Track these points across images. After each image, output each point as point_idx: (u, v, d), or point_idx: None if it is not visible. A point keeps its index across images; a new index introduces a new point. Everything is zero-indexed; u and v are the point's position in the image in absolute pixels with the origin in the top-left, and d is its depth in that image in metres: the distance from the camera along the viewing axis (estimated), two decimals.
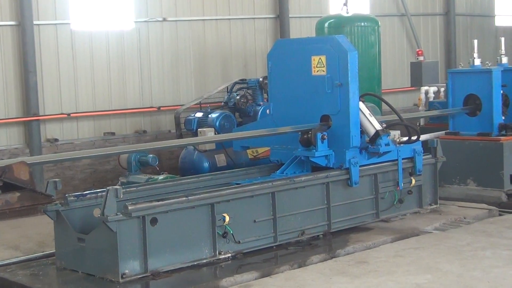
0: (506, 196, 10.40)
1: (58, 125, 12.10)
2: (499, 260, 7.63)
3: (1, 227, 9.95)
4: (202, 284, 7.14)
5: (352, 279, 7.17)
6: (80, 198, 7.91)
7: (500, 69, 10.91)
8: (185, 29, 13.48)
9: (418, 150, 9.43)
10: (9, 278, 7.55)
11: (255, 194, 8.13)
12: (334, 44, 8.88)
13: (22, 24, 11.54)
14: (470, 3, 18.87)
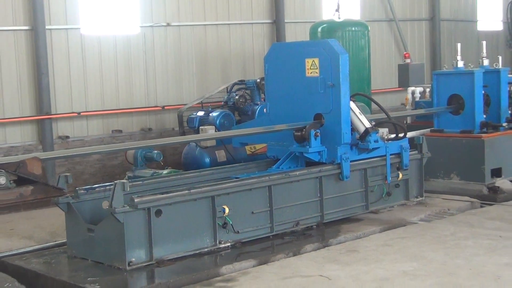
0: (487, 189, 10.41)
1: (69, 123, 12.10)
2: (480, 249, 7.65)
3: (16, 218, 9.95)
4: (203, 271, 7.15)
5: (343, 267, 7.18)
6: (90, 191, 7.92)
7: (482, 71, 10.92)
8: (188, 34, 13.48)
9: (405, 146, 9.44)
10: (24, 266, 7.57)
11: (253, 188, 8.14)
12: (326, 47, 8.88)
13: (35, 28, 11.54)
14: (454, 9, 18.87)
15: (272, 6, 14.74)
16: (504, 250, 7.54)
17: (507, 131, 10.91)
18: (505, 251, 7.52)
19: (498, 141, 10.72)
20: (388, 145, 9.20)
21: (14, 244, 8.67)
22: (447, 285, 6.52)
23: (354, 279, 6.78)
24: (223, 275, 7.09)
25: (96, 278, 6.97)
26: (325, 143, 8.71)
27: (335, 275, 6.92)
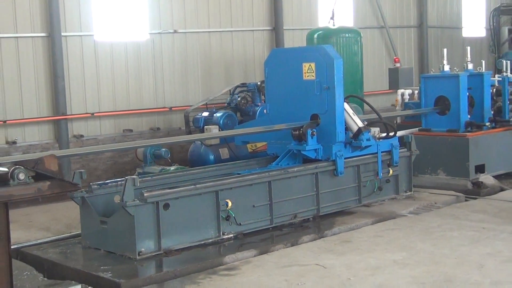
0: (471, 184, 10.40)
1: (83, 123, 12.10)
2: (464, 239, 7.65)
3: (34, 211, 9.96)
4: (208, 261, 7.16)
5: (337, 256, 7.19)
6: (103, 186, 7.93)
7: (467, 74, 10.92)
8: (193, 40, 13.48)
9: (395, 145, 9.45)
10: (41, 255, 7.57)
11: (254, 183, 8.15)
12: (322, 52, 8.88)
13: (51, 35, 11.54)
14: (441, 17, 18.86)
15: (272, 14, 14.74)
16: (487, 241, 7.55)
17: (489, 130, 10.92)
18: (488, 242, 7.53)
19: (482, 139, 10.72)
20: (379, 143, 9.22)
21: (32, 235, 8.68)
22: (434, 273, 6.52)
23: (348, 267, 6.79)
24: (226, 264, 7.10)
25: (109, 267, 6.99)
26: (321, 142, 8.72)
27: (330, 264, 6.92)
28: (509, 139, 11.12)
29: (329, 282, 6.39)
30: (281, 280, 6.49)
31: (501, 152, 10.99)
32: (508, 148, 11.11)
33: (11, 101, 11.28)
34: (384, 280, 6.38)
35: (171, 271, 6.86)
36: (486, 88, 10.97)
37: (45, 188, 6.34)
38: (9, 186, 6.12)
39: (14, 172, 6.14)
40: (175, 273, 6.83)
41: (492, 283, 6.20)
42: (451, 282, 6.24)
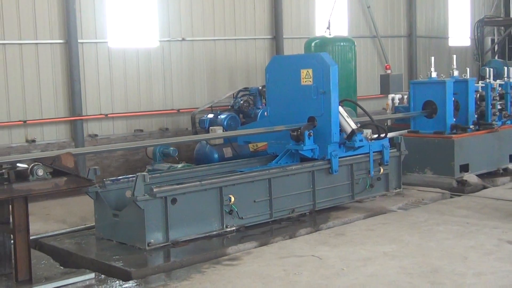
0: (456, 182, 10.40)
1: (97, 123, 12.10)
2: (450, 233, 7.65)
3: (52, 205, 9.96)
4: (212, 251, 7.16)
5: (332, 248, 7.18)
6: (115, 182, 7.94)
7: (452, 81, 10.92)
8: (200, 47, 13.48)
9: (385, 145, 9.46)
10: (58, 245, 7.58)
11: (255, 180, 8.16)
12: (319, 59, 8.88)
13: (69, 42, 11.54)
14: (428, 28, 18.85)
15: (272, 24, 14.74)
16: (470, 235, 7.54)
17: (473, 132, 10.92)
18: (472, 235, 7.52)
19: (466, 141, 10.72)
20: (371, 144, 9.23)
21: (49, 227, 8.68)
22: (421, 264, 6.52)
23: (342, 258, 6.78)
24: (229, 254, 7.11)
25: (120, 257, 7.00)
26: (317, 142, 8.73)
27: (325, 255, 6.92)
28: (491, 141, 11.12)
29: (324, 272, 6.38)
30: (279, 270, 6.49)
31: (484, 152, 10.99)
32: (490, 149, 11.10)
33: (31, 103, 11.28)
34: (375, 271, 6.37)
35: (178, 261, 6.87)
36: (471, 93, 10.96)
37: (62, 184, 6.35)
38: (29, 182, 6.13)
39: (33, 168, 6.15)
40: (181, 262, 6.84)
41: (475, 274, 6.19)
42: (437, 273, 6.24)
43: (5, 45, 10.97)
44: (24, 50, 11.19)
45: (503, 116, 11.54)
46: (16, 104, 11.11)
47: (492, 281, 5.97)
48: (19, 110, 11.15)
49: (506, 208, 8.85)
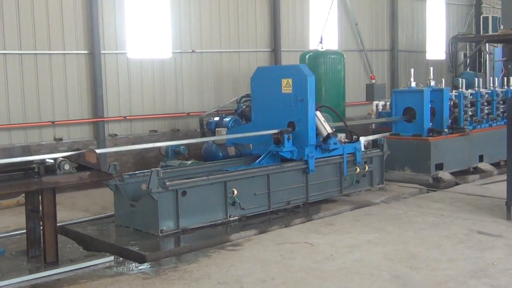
0: (432, 179, 10.41)
1: (117, 124, 12.10)
2: (426, 224, 7.66)
3: (77, 195, 9.97)
4: (217, 238, 7.17)
5: (322, 236, 7.20)
6: (132, 176, 7.97)
7: (429, 90, 10.91)
8: (208, 58, 13.48)
9: (358, 148, 9.31)
10: (81, 231, 7.59)
11: (255, 175, 8.17)
12: (298, 70, 8.75)
13: (92, 53, 11.54)
14: (409, 43, 18.84)
15: (271, 38, 14.72)
16: (444, 226, 7.56)
17: (447, 135, 10.92)
18: (445, 226, 7.54)
19: (441, 143, 10.72)
20: (344, 146, 9.10)
21: (74, 215, 8.70)
22: (401, 251, 6.53)
23: (331, 245, 6.80)
24: (232, 241, 7.12)
25: (136, 242, 7.01)
26: (296, 144, 8.57)
27: (317, 242, 6.93)
28: (463, 143, 11.12)
29: (315, 257, 6.39)
30: (276, 254, 6.50)
31: (457, 153, 10.98)
32: (462, 150, 11.10)
33: (58, 106, 11.28)
34: (360, 256, 6.39)
35: (187, 246, 6.88)
36: (445, 101, 10.96)
37: (86, 177, 6.35)
38: (56, 175, 6.13)
39: (60, 163, 6.15)
40: (190, 247, 6.85)
41: (448, 260, 6.21)
42: (414, 259, 6.25)
43: (36, 55, 10.96)
44: (53, 59, 11.18)
45: (473, 121, 11.54)
46: (46, 106, 11.11)
47: (463, 266, 5.98)
48: (48, 112, 11.15)
49: (476, 202, 8.86)
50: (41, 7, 10.93)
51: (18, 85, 10.78)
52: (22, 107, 10.84)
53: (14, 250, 6.86)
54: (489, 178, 10.94)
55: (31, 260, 6.47)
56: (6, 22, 10.54)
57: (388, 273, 5.80)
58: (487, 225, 7.52)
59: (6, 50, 10.60)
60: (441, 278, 5.64)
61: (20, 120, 10.82)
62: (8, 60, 10.65)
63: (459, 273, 5.78)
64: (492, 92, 12.19)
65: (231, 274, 5.90)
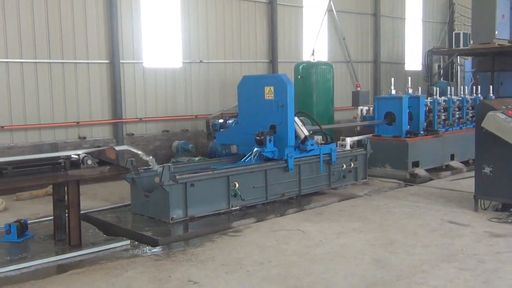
0: (409, 175, 10.41)
1: (134, 125, 12.09)
2: (403, 214, 7.66)
3: (98, 187, 9.97)
4: (220, 225, 7.17)
5: (313, 224, 7.20)
6: (147, 170, 7.96)
7: (407, 97, 10.92)
8: (214, 68, 13.47)
9: (333, 149, 9.20)
10: (101, 218, 7.60)
11: (254, 171, 8.17)
12: (279, 79, 8.63)
13: (112, 62, 11.53)
14: (389, 55, 18.82)
15: (269, 50, 14.69)
16: (419, 216, 7.56)
17: (423, 137, 10.92)
18: (420, 216, 7.54)
19: (417, 143, 10.73)
20: (321, 147, 8.98)
21: (96, 204, 8.70)
22: (381, 237, 6.53)
23: (320, 232, 6.79)
24: (233, 228, 7.12)
25: (150, 228, 7.01)
26: (277, 145, 8.44)
27: (308, 229, 6.93)
28: (436, 143, 11.13)
29: (307, 242, 6.39)
30: (272, 240, 6.50)
31: (431, 152, 10.99)
32: (436, 150, 11.11)
33: (83, 108, 11.27)
34: (346, 242, 6.38)
35: (194, 232, 6.88)
36: (421, 107, 10.96)
37: (106, 171, 6.35)
38: (80, 169, 6.13)
39: (84, 159, 6.15)
40: (197, 233, 6.85)
41: (423, 246, 6.21)
42: (393, 244, 6.25)
43: (64, 63, 10.95)
44: (78, 67, 11.17)
45: (446, 125, 11.55)
46: (71, 109, 11.10)
47: (435, 251, 5.98)
48: (74, 113, 11.14)
49: (447, 196, 8.87)
50: (68, 22, 10.92)
51: (47, 89, 10.77)
52: (51, 109, 10.83)
53: (42, 234, 6.86)
54: (459, 174, 10.95)
55: (57, 243, 6.47)
56: (37, 35, 10.53)
57: (370, 257, 5.80)
58: (457, 215, 7.52)
59: (37, 59, 10.59)
60: (416, 262, 5.64)
61: (49, 120, 10.81)
62: (39, 68, 10.64)
63: (432, 257, 5.78)
64: (463, 99, 12.20)
65: (232, 256, 5.90)
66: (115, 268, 5.61)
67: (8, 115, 10.31)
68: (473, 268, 5.44)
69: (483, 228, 6.83)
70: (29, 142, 10.46)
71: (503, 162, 7.39)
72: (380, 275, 5.28)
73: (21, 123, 10.45)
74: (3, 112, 10.24)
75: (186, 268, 5.57)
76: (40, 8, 10.52)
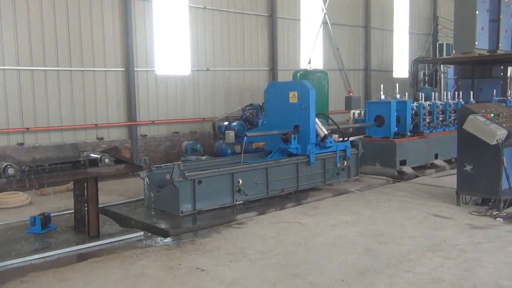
0: (397, 172, 10.40)
1: (147, 127, 12.10)
2: (392, 208, 7.65)
3: (114, 183, 9.98)
4: (226, 218, 7.17)
5: (309, 217, 7.19)
6: (159, 168, 7.97)
7: (396, 101, 10.91)
8: (219, 75, 13.47)
9: (348, 146, 9.47)
10: (118, 211, 7.61)
11: (256, 168, 8.18)
12: (302, 85, 8.90)
13: (127, 70, 11.54)
14: (379, 64, 18.79)
15: (270, 59, 14.68)
16: (407, 210, 7.55)
17: (410, 137, 10.91)
18: (408, 210, 7.53)
19: (404, 143, 10.72)
20: (337, 145, 9.21)
21: (112, 198, 8.71)
22: (372, 229, 6.52)
23: (316, 224, 6.79)
24: (237, 220, 7.12)
25: (161, 220, 7.02)
26: (300, 142, 8.75)
27: (305, 222, 6.93)
28: (422, 144, 11.11)
29: (304, 233, 6.39)
30: (272, 231, 6.50)
31: (417, 152, 10.98)
32: (421, 149, 11.10)
33: (100, 112, 11.28)
34: (340, 233, 6.38)
35: (202, 224, 6.88)
36: (408, 110, 10.95)
37: (122, 169, 6.36)
38: (98, 167, 6.13)
39: (102, 157, 6.15)
40: (204, 225, 6.85)
41: (410, 236, 6.20)
42: (382, 236, 6.24)
43: (83, 71, 10.96)
44: (96, 75, 11.19)
45: (430, 127, 11.54)
46: (90, 112, 11.11)
47: (421, 242, 5.97)
48: (92, 116, 11.15)
49: (432, 191, 8.85)
50: (87, 34, 10.93)
51: (69, 95, 10.78)
52: (72, 112, 10.84)
53: (64, 226, 6.87)
54: (443, 172, 10.93)
55: (77, 234, 6.47)
56: (59, 45, 10.54)
57: (361, 247, 5.79)
58: (441, 209, 7.51)
59: (60, 67, 10.60)
60: (403, 251, 5.63)
61: (70, 122, 10.82)
62: (61, 75, 10.65)
63: (418, 247, 5.77)
64: (446, 103, 12.18)
65: (236, 246, 5.90)
66: (130, 257, 5.62)
67: (33, 118, 10.33)
68: (455, 257, 5.43)
69: (465, 221, 6.82)
70: (52, 142, 10.48)
71: (483, 161, 7.38)
72: (370, 263, 5.27)
73: (44, 125, 10.46)
74: (28, 115, 10.27)
75: (194, 257, 5.57)
76: (62, 21, 10.54)
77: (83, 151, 6.92)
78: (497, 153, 7.14)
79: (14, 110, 10.09)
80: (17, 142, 10.09)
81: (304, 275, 4.97)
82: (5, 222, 7.27)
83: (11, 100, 10.04)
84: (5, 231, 6.73)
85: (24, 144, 10.09)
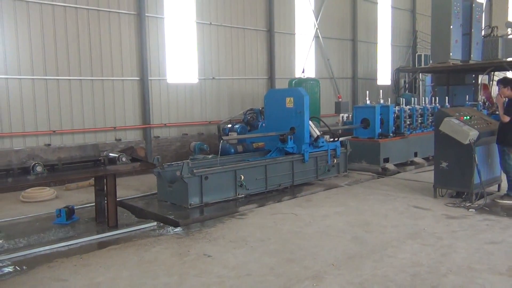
0: (381, 169, 10.37)
1: (159, 130, 12.09)
2: (377, 201, 7.63)
3: (131, 179, 9.97)
4: (229, 209, 7.15)
5: (304, 208, 7.18)
6: (170, 166, 7.95)
7: (379, 106, 10.88)
8: (224, 83, 13.46)
9: (338, 145, 9.44)
10: (134, 204, 7.59)
11: (256, 166, 8.15)
12: (297, 92, 8.88)
13: (142, 79, 11.54)
14: (365, 72, 18.77)
15: (268, 69, 14.67)
16: (390, 202, 7.53)
17: (392, 138, 10.88)
18: (390, 202, 7.51)
19: (387, 143, 10.69)
20: (329, 144, 9.20)
21: (129, 192, 8.70)
22: (359, 219, 6.50)
23: (309, 215, 6.77)
24: (239, 212, 7.11)
25: (172, 212, 7.00)
26: (296, 143, 8.73)
27: (299, 213, 6.91)
28: (403, 143, 11.08)
29: (299, 223, 6.37)
30: (271, 221, 6.48)
31: (398, 150, 10.95)
32: (402, 148, 11.06)
33: (119, 116, 11.27)
34: (331, 223, 6.36)
35: (208, 215, 6.87)
36: (391, 114, 10.92)
37: (137, 166, 6.35)
38: (117, 165, 6.12)
39: (120, 156, 6.14)
40: (210, 216, 6.84)
41: (393, 226, 6.18)
42: (368, 225, 6.23)
43: (103, 80, 10.96)
44: (115, 83, 11.18)
45: (410, 128, 11.50)
46: (109, 116, 11.10)
47: (403, 230, 5.96)
48: (111, 120, 11.14)
49: (412, 185, 8.84)
50: (106, 46, 10.93)
51: (90, 101, 10.78)
52: (93, 117, 10.83)
53: (86, 217, 6.86)
54: (421, 168, 10.91)
55: (98, 225, 6.47)
56: (82, 56, 10.54)
57: (350, 235, 5.78)
58: (420, 201, 7.49)
59: (82, 76, 10.59)
60: (387, 239, 5.62)
61: (91, 125, 10.82)
62: (83, 84, 10.65)
63: (400, 235, 5.76)
64: (424, 107, 12.15)
65: (239, 235, 5.89)
66: (145, 244, 5.61)
67: (59, 122, 10.33)
68: (433, 244, 5.42)
69: (441, 212, 6.81)
70: (76, 143, 10.46)
71: (457, 158, 7.37)
72: (358, 249, 5.26)
73: (69, 128, 10.46)
74: (55, 120, 10.27)
75: (201, 245, 5.55)
76: (84, 38, 10.54)
77: (103, 151, 6.92)
78: (470, 151, 7.14)
79: (42, 115, 10.09)
80: (44, 143, 10.08)
81: (299, 260, 4.96)
82: (34, 214, 7.26)
83: (40, 106, 10.05)
84: (34, 222, 6.73)
85: (51, 145, 10.08)
